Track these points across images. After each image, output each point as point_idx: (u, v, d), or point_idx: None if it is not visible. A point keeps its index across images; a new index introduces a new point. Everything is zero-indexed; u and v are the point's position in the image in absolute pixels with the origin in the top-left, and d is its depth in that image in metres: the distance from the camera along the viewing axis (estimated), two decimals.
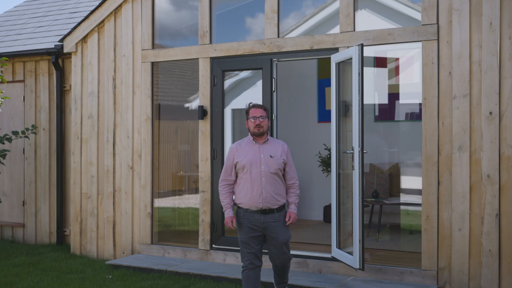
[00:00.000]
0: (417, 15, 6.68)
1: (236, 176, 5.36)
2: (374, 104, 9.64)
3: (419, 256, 6.34)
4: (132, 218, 7.84)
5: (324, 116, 10.04)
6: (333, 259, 6.59)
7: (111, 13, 7.98)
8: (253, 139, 5.34)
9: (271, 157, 5.27)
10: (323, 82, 10.05)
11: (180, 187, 10.30)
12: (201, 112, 7.32)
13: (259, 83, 8.48)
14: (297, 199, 5.46)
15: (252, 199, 5.24)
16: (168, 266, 7.05)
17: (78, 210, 8.24)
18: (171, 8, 8.18)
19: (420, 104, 9.30)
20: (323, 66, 9.89)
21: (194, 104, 10.80)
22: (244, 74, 8.15)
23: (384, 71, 9.54)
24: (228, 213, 5.36)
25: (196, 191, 10.47)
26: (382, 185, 8.83)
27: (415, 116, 9.47)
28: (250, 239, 5.29)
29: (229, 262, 7.17)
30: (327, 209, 9.58)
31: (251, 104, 5.41)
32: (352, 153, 6.20)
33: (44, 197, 9.04)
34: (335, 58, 6.50)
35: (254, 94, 9.03)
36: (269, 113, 5.31)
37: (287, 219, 5.34)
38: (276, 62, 7.01)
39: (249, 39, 7.28)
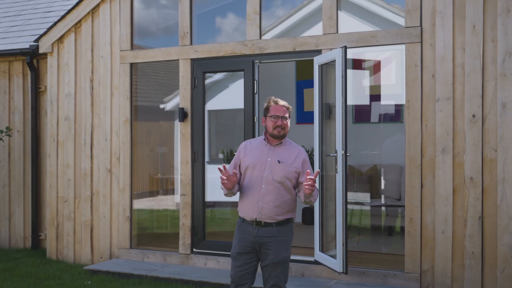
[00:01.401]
0: (397, 19, 6.70)
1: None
2: (352, 106, 9.65)
3: (402, 259, 6.33)
4: (110, 222, 7.69)
5: (302, 117, 10.01)
6: (316, 262, 6.55)
7: (88, 13, 7.82)
8: (264, 139, 4.56)
9: (279, 162, 4.46)
10: (302, 84, 10.02)
11: (155, 189, 10.18)
12: (182, 114, 7.21)
13: (233, 85, 8.42)
14: (316, 197, 4.50)
15: (248, 207, 4.48)
16: (149, 271, 6.93)
17: (54, 214, 8.05)
18: (151, 8, 8.05)
19: (396, 105, 9.43)
20: (302, 67, 9.86)
21: (168, 105, 10.70)
22: (218, 76, 8.06)
23: (360, 73, 9.56)
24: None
25: (171, 192, 10.39)
26: (362, 187, 8.83)
27: (388, 118, 9.51)
28: (239, 255, 4.51)
29: (210, 266, 7.08)
30: (306, 211, 9.55)
31: (273, 100, 4.56)
32: (336, 156, 6.16)
33: (18, 201, 8.83)
34: (318, 60, 6.46)
35: (229, 96, 8.97)
36: (291, 113, 4.56)
37: (314, 176, 4.29)
38: (258, 63, 6.94)
39: (230, 40, 7.20)
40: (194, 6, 7.29)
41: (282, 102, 4.52)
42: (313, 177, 4.26)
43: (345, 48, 6.04)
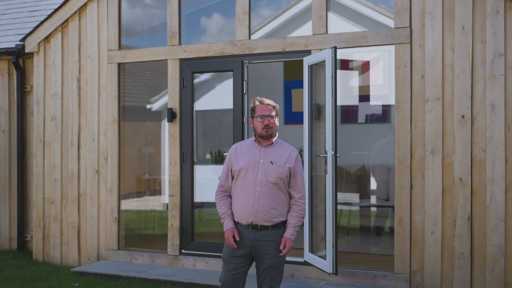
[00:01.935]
0: (385, 20, 6.71)
1: None
2: (340, 106, 9.66)
3: (391, 259, 6.34)
4: (98, 223, 7.62)
5: (290, 118, 10.01)
6: (306, 263, 6.54)
7: (75, 12, 7.74)
8: (255, 140, 4.50)
9: (272, 163, 4.40)
10: (290, 84, 10.02)
11: (142, 189, 10.13)
12: (170, 114, 7.16)
13: (220, 86, 8.39)
14: (299, 221, 4.43)
15: (242, 211, 4.39)
16: (137, 273, 6.87)
17: (40, 215, 7.97)
18: (139, 8, 8.00)
19: (383, 106, 9.45)
20: (290, 68, 9.86)
21: (155, 106, 10.65)
22: (205, 76, 8.02)
23: (347, 73, 9.57)
24: (228, 224, 4.44)
25: (158, 192, 10.34)
26: (350, 188, 8.84)
27: (374, 118, 9.53)
28: (232, 258, 4.42)
29: (199, 268, 7.04)
30: None
31: (258, 99, 4.51)
32: (325, 156, 6.15)
33: (4, 202, 8.72)
34: (308, 61, 6.45)
35: (215, 96, 8.95)
36: (277, 111, 4.53)
37: (281, 247, 4.39)
38: (247, 64, 6.92)
39: (219, 40, 7.16)
40: (182, 6, 7.24)
41: (267, 101, 4.48)
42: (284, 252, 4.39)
43: (335, 48, 6.03)
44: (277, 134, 4.55)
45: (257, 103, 4.49)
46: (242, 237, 4.41)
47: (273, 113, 4.46)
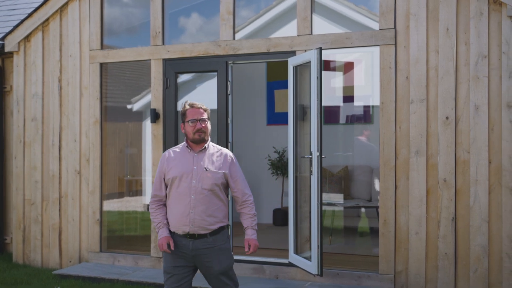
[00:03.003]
0: (369, 22, 6.71)
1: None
2: (323, 107, 9.66)
3: (376, 260, 6.36)
4: (79, 225, 7.53)
5: (273, 118, 9.99)
6: (290, 264, 6.52)
7: (56, 11, 7.63)
8: (187, 146, 4.31)
9: (207, 169, 4.22)
10: (272, 85, 9.99)
11: (122, 190, 10.02)
12: (154, 115, 7.09)
13: (201, 86, 8.33)
14: (254, 221, 4.35)
15: (178, 221, 4.20)
16: (120, 275, 6.80)
17: (21, 217, 7.84)
18: (121, 7, 7.91)
19: (364, 107, 9.48)
20: (272, 68, 9.83)
21: (136, 106, 10.55)
22: (185, 77, 7.95)
23: (329, 74, 9.58)
24: (162, 233, 4.26)
25: (139, 193, 10.25)
26: (333, 188, 8.85)
27: (355, 119, 9.56)
28: (175, 269, 4.25)
29: None
30: (277, 213, 9.53)
31: (188, 104, 4.33)
32: (310, 157, 6.14)
33: None
34: (293, 62, 6.43)
35: (196, 96, 8.89)
36: (209, 114, 4.34)
37: (246, 249, 4.32)
38: (232, 64, 6.88)
39: (203, 40, 7.12)
40: (166, 6, 7.18)
41: (198, 105, 4.31)
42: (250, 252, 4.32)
43: (320, 49, 6.02)
44: (209, 139, 4.37)
45: (187, 107, 4.31)
46: (181, 247, 4.24)
47: (205, 117, 4.29)
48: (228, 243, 4.36)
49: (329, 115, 9.66)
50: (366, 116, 9.41)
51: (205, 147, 4.30)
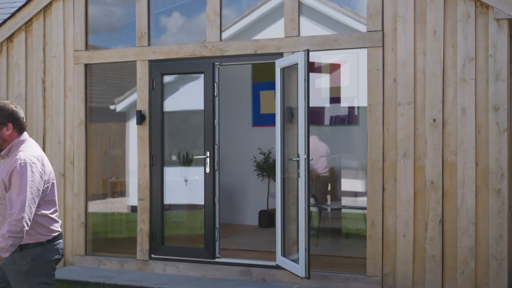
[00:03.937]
0: (356, 24, 6.70)
1: None
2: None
3: (363, 262, 6.36)
4: (64, 228, 7.44)
5: (258, 120, 9.96)
6: (278, 267, 6.50)
7: (40, 11, 7.52)
8: None
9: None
10: (258, 86, 9.96)
11: (105, 191, 9.93)
12: (139, 117, 7.03)
13: (184, 88, 8.27)
14: (5, 241, 3.44)
15: None
16: (106, 279, 6.73)
17: None
18: (106, 7, 7.83)
19: (349, 108, 9.49)
20: (258, 69, 9.80)
21: (119, 106, 10.46)
22: (169, 78, 7.89)
23: (314, 75, 9.57)
24: None
25: (122, 194, 10.16)
26: (320, 190, 8.84)
27: (339, 120, 9.56)
28: None
29: (169, 272, 6.93)
30: (262, 214, 9.50)
31: None
32: (298, 160, 6.12)
33: None
34: (280, 63, 6.41)
35: (180, 97, 8.83)
36: (6, 118, 3.68)
37: None
38: (219, 66, 6.84)
39: (190, 41, 7.07)
40: (152, 6, 7.11)
41: None
42: None
43: (308, 51, 6.00)
44: (10, 145, 3.71)
45: None
46: None
47: None
48: (29, 265, 3.68)
49: (313, 116, 9.66)
50: (351, 117, 9.41)
51: (8, 154, 3.75)
